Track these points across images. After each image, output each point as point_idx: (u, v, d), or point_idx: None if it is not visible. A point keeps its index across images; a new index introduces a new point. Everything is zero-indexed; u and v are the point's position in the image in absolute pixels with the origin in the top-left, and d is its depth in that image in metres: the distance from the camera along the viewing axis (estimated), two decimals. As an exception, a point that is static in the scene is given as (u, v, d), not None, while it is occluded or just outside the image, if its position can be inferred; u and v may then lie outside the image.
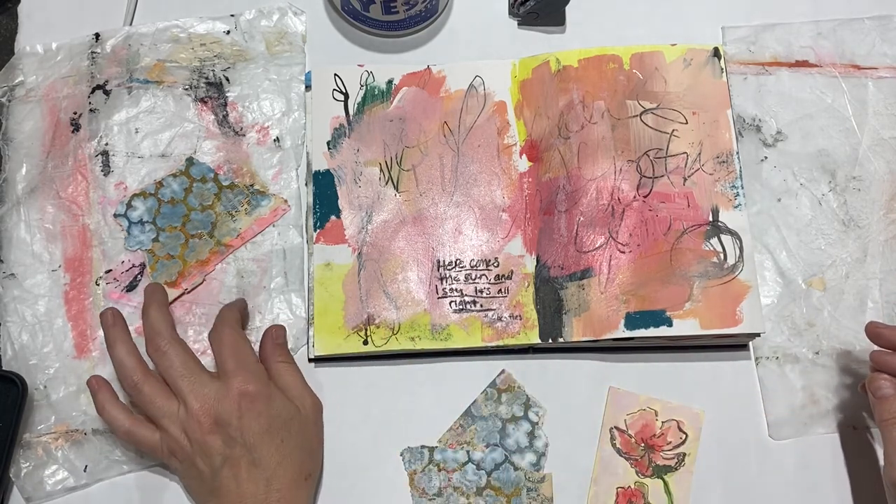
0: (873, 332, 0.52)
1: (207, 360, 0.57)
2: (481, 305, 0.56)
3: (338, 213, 0.59)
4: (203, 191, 0.60)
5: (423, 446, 0.55)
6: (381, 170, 0.59)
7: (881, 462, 0.50)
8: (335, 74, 0.61)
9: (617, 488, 0.55)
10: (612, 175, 0.58)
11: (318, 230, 0.58)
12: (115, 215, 0.59)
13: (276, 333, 0.55)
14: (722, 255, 0.56)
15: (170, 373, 0.51)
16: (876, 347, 0.52)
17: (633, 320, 0.55)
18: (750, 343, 0.57)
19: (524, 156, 0.60)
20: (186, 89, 0.62)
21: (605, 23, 0.65)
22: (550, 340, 0.55)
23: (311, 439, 0.52)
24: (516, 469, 0.55)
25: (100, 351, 0.56)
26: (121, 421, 0.51)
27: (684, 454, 0.55)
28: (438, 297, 0.57)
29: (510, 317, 0.56)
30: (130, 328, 0.57)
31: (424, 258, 0.58)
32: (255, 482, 0.48)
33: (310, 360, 0.57)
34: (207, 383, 0.50)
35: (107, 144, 0.61)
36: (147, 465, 0.55)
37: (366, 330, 0.56)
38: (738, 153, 0.58)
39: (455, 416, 0.56)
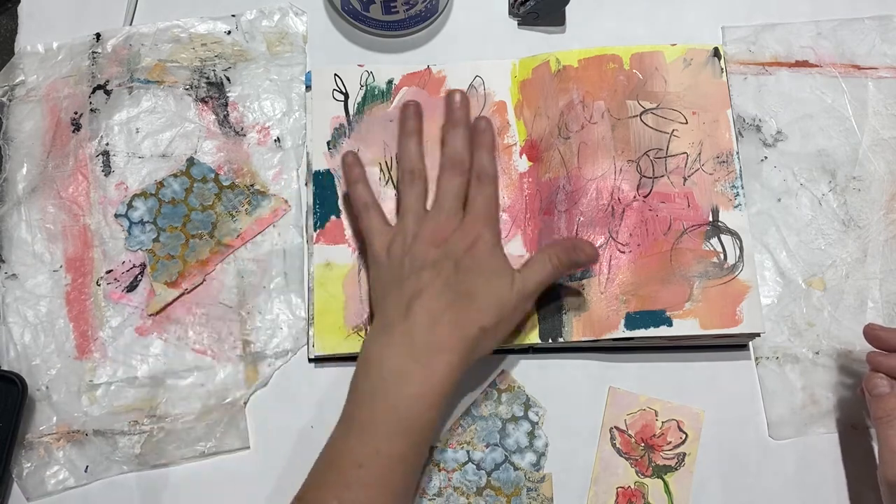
0: (871, 334, 0.52)
1: (207, 360, 0.57)
2: (481, 305, 0.56)
3: (338, 213, 0.59)
4: (203, 191, 0.60)
5: (423, 446, 0.55)
6: (381, 170, 0.59)
7: (878, 459, 0.50)
8: (335, 74, 0.61)
9: (617, 488, 0.55)
10: (612, 175, 0.58)
11: (318, 230, 0.58)
12: (116, 215, 0.59)
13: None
14: (722, 255, 0.56)
15: (448, 190, 0.54)
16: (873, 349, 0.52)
17: (633, 320, 0.55)
18: (750, 343, 0.57)
19: (524, 156, 0.60)
20: (187, 89, 0.62)
21: (605, 23, 0.65)
22: (550, 340, 0.55)
23: (505, 305, 0.51)
24: (516, 469, 0.55)
25: (101, 352, 0.57)
26: (366, 197, 0.55)
27: (684, 454, 0.55)
28: (438, 297, 0.57)
29: (510, 317, 0.56)
30: (130, 328, 0.57)
31: (424, 258, 0.58)
32: (441, 296, 0.50)
33: (310, 360, 0.57)
34: (460, 216, 0.54)
35: (107, 144, 0.61)
36: (147, 466, 0.55)
37: (366, 330, 0.56)
38: (738, 153, 0.58)
39: (455, 416, 0.56)
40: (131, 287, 0.58)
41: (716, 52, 0.60)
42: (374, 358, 0.49)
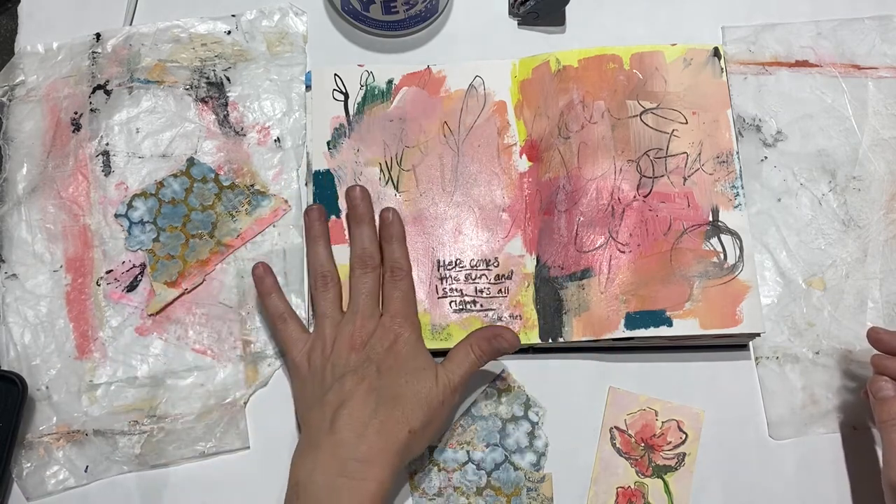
0: (874, 337, 0.52)
1: (207, 360, 0.57)
2: (481, 305, 0.57)
3: (338, 213, 0.59)
4: (204, 191, 0.60)
5: (423, 446, 0.55)
6: (381, 170, 0.60)
7: (882, 463, 0.50)
8: (335, 74, 0.61)
9: (617, 488, 0.55)
10: (612, 175, 0.58)
11: (318, 230, 0.58)
12: (116, 215, 0.59)
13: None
14: (722, 255, 0.56)
15: (361, 290, 0.54)
16: (877, 352, 0.52)
17: (633, 320, 0.55)
18: (750, 343, 0.57)
19: (524, 156, 0.60)
20: (187, 89, 0.62)
21: (605, 23, 0.65)
22: (550, 340, 0.55)
23: (432, 402, 0.50)
24: (516, 469, 0.55)
25: (101, 352, 0.57)
26: (281, 309, 0.55)
27: (684, 454, 0.55)
28: (438, 297, 0.57)
29: (510, 317, 0.56)
30: (130, 328, 0.57)
31: (424, 258, 0.58)
32: (365, 404, 0.49)
33: (310, 360, 0.57)
34: (377, 315, 0.54)
35: (107, 144, 0.61)
36: (147, 466, 0.55)
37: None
38: (738, 153, 0.58)
39: (455, 415, 0.56)
40: (131, 287, 0.58)
41: (716, 52, 0.60)
42: (304, 480, 0.47)
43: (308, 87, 0.62)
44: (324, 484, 0.47)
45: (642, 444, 0.55)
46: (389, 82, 0.61)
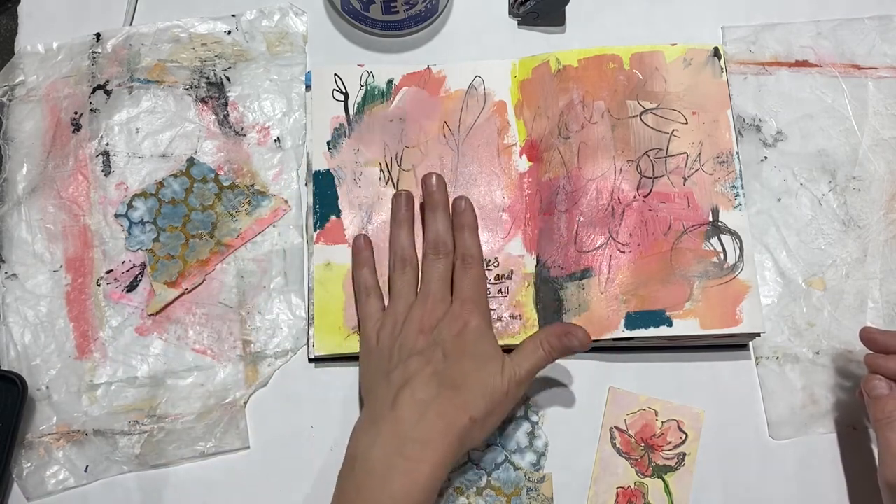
0: (867, 336, 0.53)
1: (207, 360, 0.57)
2: (481, 305, 0.57)
3: (338, 213, 0.59)
4: (204, 191, 0.60)
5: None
6: (381, 170, 0.60)
7: (878, 462, 0.50)
8: (335, 74, 0.61)
9: (617, 488, 0.55)
10: (612, 175, 0.58)
11: (318, 230, 0.58)
12: (116, 215, 0.59)
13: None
14: (722, 255, 0.56)
15: (433, 275, 0.54)
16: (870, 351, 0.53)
17: (633, 320, 0.55)
18: (750, 343, 0.57)
19: (524, 156, 0.60)
20: (187, 89, 0.62)
21: (605, 23, 0.65)
22: (550, 340, 0.55)
23: (495, 393, 0.50)
24: (516, 469, 0.55)
25: (101, 352, 0.57)
26: (370, 283, 0.56)
27: (684, 454, 0.55)
28: (438, 297, 0.57)
29: (510, 317, 0.56)
30: (130, 328, 0.57)
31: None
32: (428, 386, 0.49)
33: (310, 360, 0.57)
34: (448, 300, 0.54)
35: (107, 144, 0.61)
36: (147, 466, 0.55)
37: (366, 330, 0.56)
38: (738, 153, 0.58)
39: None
40: (131, 287, 0.58)
41: (716, 52, 0.60)
42: (361, 453, 0.48)
43: (308, 87, 0.62)
44: (380, 459, 0.47)
45: (642, 444, 0.55)
46: (389, 82, 0.61)
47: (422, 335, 0.52)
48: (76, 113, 0.61)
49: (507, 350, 0.57)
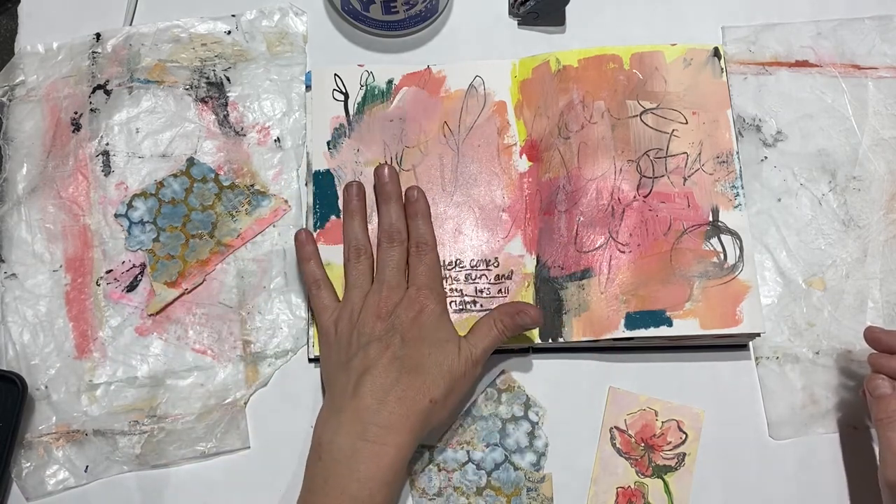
0: (871, 336, 0.53)
1: (207, 360, 0.57)
2: (481, 305, 0.57)
3: (338, 213, 0.59)
4: (204, 191, 0.60)
5: (422, 446, 0.55)
6: (381, 170, 0.59)
7: (878, 461, 0.50)
8: (335, 74, 0.61)
9: (617, 488, 0.55)
10: (612, 175, 0.58)
11: (318, 230, 0.58)
12: (116, 215, 0.59)
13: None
14: (722, 255, 0.56)
15: (388, 262, 0.55)
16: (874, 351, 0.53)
17: (633, 320, 0.55)
18: (750, 343, 0.57)
19: (524, 156, 0.60)
20: (187, 89, 0.62)
21: (605, 23, 0.65)
22: (550, 340, 0.55)
23: (454, 374, 0.51)
24: (516, 469, 0.55)
25: (101, 352, 0.57)
26: (317, 275, 0.56)
27: (684, 454, 0.55)
28: (438, 297, 0.57)
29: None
30: (130, 328, 0.57)
31: (424, 258, 0.58)
32: (388, 371, 0.50)
33: (310, 360, 0.57)
34: (403, 286, 0.54)
35: (107, 144, 0.61)
36: (147, 466, 0.55)
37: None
38: (738, 153, 0.58)
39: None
40: (131, 287, 0.58)
41: (716, 52, 0.60)
42: (325, 441, 0.49)
43: (308, 87, 0.62)
44: (345, 446, 0.49)
45: (642, 444, 0.55)
46: (389, 82, 0.61)
47: (379, 321, 0.52)
48: (76, 113, 0.61)
49: (506, 350, 0.57)
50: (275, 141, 0.61)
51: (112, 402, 0.56)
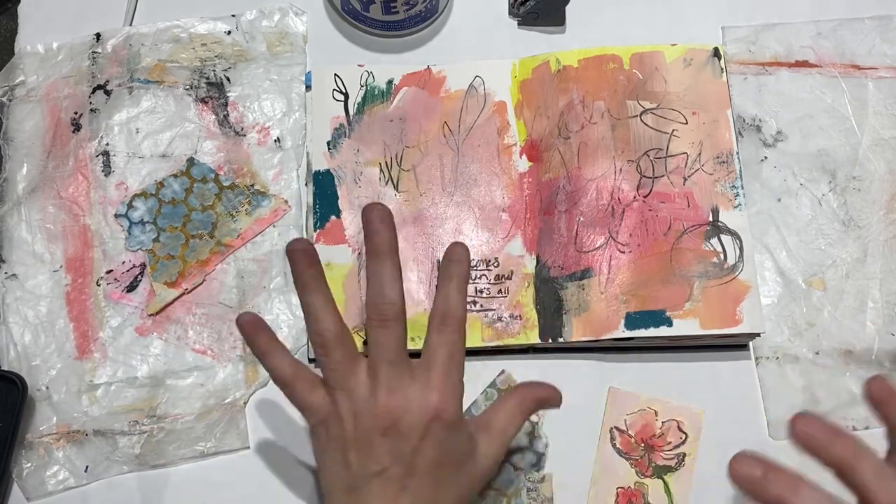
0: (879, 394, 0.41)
1: (207, 360, 0.57)
2: (481, 305, 0.57)
3: (338, 213, 0.59)
4: (204, 191, 0.60)
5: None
6: (381, 170, 0.60)
7: None
8: (335, 74, 0.61)
9: (617, 488, 0.55)
10: (612, 175, 0.58)
11: (318, 230, 0.58)
12: (116, 215, 0.59)
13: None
14: (722, 255, 0.56)
15: (378, 350, 0.43)
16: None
17: (633, 320, 0.55)
18: (750, 343, 0.57)
19: (524, 156, 0.60)
20: (187, 89, 0.62)
21: (605, 23, 0.65)
22: (550, 340, 0.55)
23: (474, 489, 0.45)
24: (516, 469, 0.55)
25: (101, 352, 0.57)
26: (285, 373, 0.45)
27: (684, 454, 0.55)
28: (438, 297, 0.57)
29: (510, 317, 0.56)
30: (130, 328, 0.57)
31: (424, 258, 0.58)
32: None
33: (310, 360, 0.57)
34: (407, 381, 0.43)
35: (107, 144, 0.61)
36: (147, 466, 0.55)
37: (366, 330, 0.56)
38: (738, 153, 0.58)
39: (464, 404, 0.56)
40: (131, 287, 0.58)
41: (716, 52, 0.60)
42: None
43: (308, 87, 0.62)
44: None
45: (642, 445, 0.55)
46: (389, 82, 0.61)
47: (380, 438, 0.42)
48: (76, 113, 0.61)
49: (506, 350, 0.57)
50: (275, 141, 0.61)
51: (112, 403, 0.56)
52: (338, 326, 0.44)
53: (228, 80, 0.62)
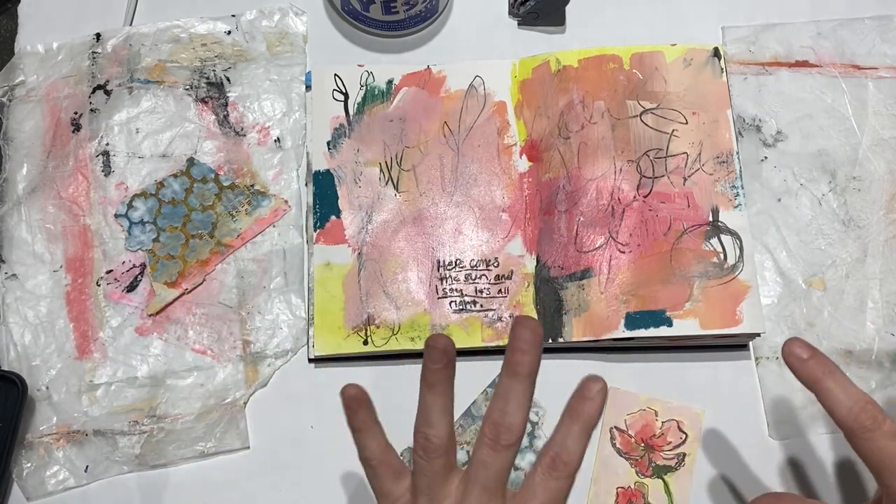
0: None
1: (207, 360, 0.57)
2: (481, 305, 0.57)
3: (338, 213, 0.59)
4: (204, 191, 0.60)
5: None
6: (381, 170, 0.60)
7: None
8: (335, 74, 0.61)
9: (617, 488, 0.55)
10: (612, 175, 0.58)
11: (318, 230, 0.58)
12: (116, 215, 0.59)
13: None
14: (722, 255, 0.56)
15: (478, 470, 0.40)
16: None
17: (633, 320, 0.55)
18: (750, 343, 0.57)
19: (524, 156, 0.60)
20: (187, 89, 0.62)
21: (605, 23, 0.65)
22: (550, 340, 0.55)
23: None
24: (516, 469, 0.55)
25: (101, 352, 0.57)
26: (374, 454, 0.43)
27: (684, 454, 0.55)
28: (438, 298, 0.57)
29: (510, 317, 0.56)
30: (130, 328, 0.57)
31: (424, 258, 0.58)
32: None
33: (310, 361, 0.57)
34: None
35: (107, 144, 0.61)
36: (147, 466, 0.55)
37: (366, 330, 0.56)
38: (738, 153, 0.58)
39: (455, 416, 0.56)
40: (131, 287, 0.58)
41: (716, 52, 0.60)
42: None
43: (308, 87, 0.62)
44: None
45: (642, 444, 0.55)
46: (389, 82, 0.61)
47: None
48: (76, 113, 0.61)
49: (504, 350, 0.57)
50: (275, 141, 0.61)
51: (112, 403, 0.56)
52: (449, 436, 0.42)
53: (228, 80, 0.62)
